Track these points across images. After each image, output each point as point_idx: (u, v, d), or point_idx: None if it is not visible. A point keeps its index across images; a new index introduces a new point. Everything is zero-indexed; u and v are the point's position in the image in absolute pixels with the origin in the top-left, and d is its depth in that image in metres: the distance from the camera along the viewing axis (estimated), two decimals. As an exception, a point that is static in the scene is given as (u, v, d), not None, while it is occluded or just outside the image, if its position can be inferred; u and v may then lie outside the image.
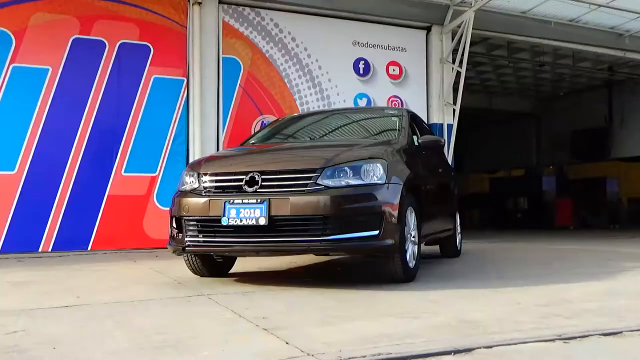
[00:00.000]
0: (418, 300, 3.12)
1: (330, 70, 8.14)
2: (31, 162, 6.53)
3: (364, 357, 2.00)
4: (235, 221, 3.43)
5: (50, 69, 6.67)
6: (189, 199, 3.69)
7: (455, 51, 8.74)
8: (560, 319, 2.63)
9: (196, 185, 3.76)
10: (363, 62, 8.40)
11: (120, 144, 6.88)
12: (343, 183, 3.46)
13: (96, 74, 6.84)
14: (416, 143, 4.58)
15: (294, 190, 3.43)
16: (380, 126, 4.89)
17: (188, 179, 3.87)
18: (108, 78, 6.87)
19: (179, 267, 4.68)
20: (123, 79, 6.93)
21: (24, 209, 6.45)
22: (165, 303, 3.11)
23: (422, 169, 4.40)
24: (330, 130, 4.85)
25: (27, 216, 6.45)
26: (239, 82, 7.58)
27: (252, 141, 4.80)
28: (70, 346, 2.22)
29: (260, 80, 7.71)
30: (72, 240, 6.57)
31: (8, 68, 6.50)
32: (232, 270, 4.44)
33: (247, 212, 3.41)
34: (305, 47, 8.03)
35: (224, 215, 3.47)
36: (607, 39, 9.88)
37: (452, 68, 8.77)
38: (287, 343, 2.20)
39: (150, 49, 7.09)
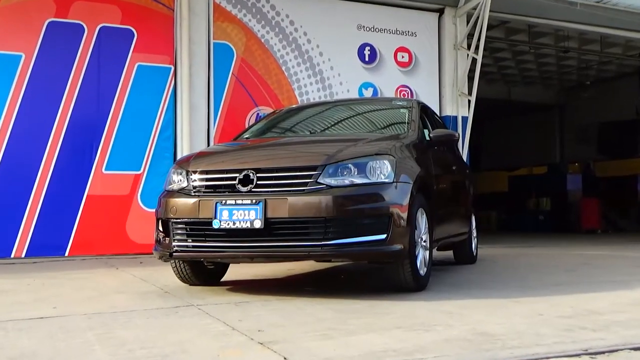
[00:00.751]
0: (429, 312, 3.12)
1: (332, 57, 8.13)
2: (2, 159, 6.54)
3: (369, 374, 2.00)
4: (228, 224, 3.43)
5: (23, 56, 6.67)
6: (177, 200, 3.69)
7: (470, 36, 8.73)
8: (587, 332, 2.63)
9: (184, 185, 3.76)
10: (369, 48, 8.40)
11: (100, 139, 6.89)
12: (347, 182, 3.46)
13: (74, 61, 6.84)
14: (427, 137, 4.58)
15: (293, 190, 3.43)
16: (387, 119, 4.89)
17: (176, 178, 3.87)
18: (87, 66, 6.87)
19: (166, 274, 4.68)
20: (104, 67, 6.93)
21: (-6, 211, 6.47)
22: (150, 314, 3.11)
23: (434, 166, 4.39)
24: (333, 123, 4.85)
25: (-2, 218, 6.47)
26: (231, 70, 7.58)
27: (246, 135, 4.80)
28: (45, 362, 2.22)
29: (255, 68, 7.71)
30: (48, 245, 6.57)
31: (-24, 55, 6.52)
32: (225, 278, 4.44)
33: (241, 214, 3.41)
34: (305, 32, 8.02)
35: (215, 218, 3.47)
36: (639, 22, 9.86)
37: (467, 55, 8.76)
38: (284, 358, 2.20)
39: (133, 34, 7.09)
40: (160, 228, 3.83)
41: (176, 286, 4.15)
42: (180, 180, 3.82)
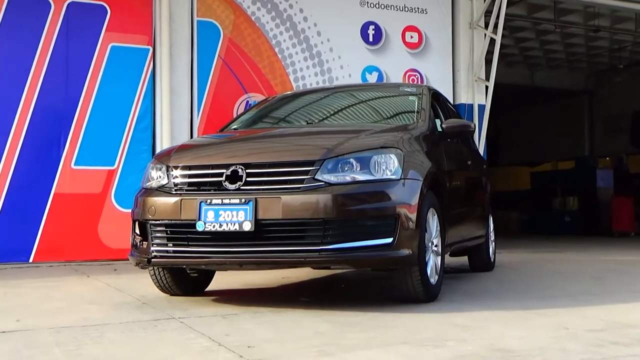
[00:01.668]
0: (441, 324, 3.13)
1: (332, 38, 8.13)
2: (-42, 152, 6.54)
3: (373, 395, 2.00)
4: (214, 226, 3.44)
5: (-19, 36, 6.66)
6: (156, 199, 3.70)
7: (488, 13, 8.72)
8: (618, 347, 2.64)
9: (165, 182, 3.77)
10: (373, 27, 8.39)
11: (69, 130, 6.87)
12: (348, 178, 3.47)
13: (39, 41, 6.82)
14: (439, 128, 4.59)
15: (287, 188, 3.44)
16: (394, 107, 4.90)
17: (155, 174, 3.87)
18: (54, 47, 6.85)
19: (144, 283, 4.68)
20: (73, 49, 6.91)
21: (-51, 211, 6.46)
22: (125, 328, 3.12)
23: (447, 161, 4.40)
24: (332, 112, 4.86)
25: (-47, 220, 6.46)
26: (217, 52, 7.57)
27: (235, 126, 4.81)
28: (7, 382, 2.23)
29: (245, 49, 7.70)
30: (10, 250, 6.56)
31: None
32: (210, 288, 4.44)
33: (229, 215, 3.42)
34: (301, 8, 8.01)
35: (199, 219, 3.47)
36: (679, -2, 9.86)
37: (485, 35, 8.75)
38: (277, 378, 2.21)
39: (106, 11, 7.07)
40: (137, 231, 3.84)
41: (155, 296, 4.15)
42: (160, 176, 3.82)
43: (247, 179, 3.51)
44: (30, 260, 6.62)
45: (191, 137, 7.26)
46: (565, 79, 16.34)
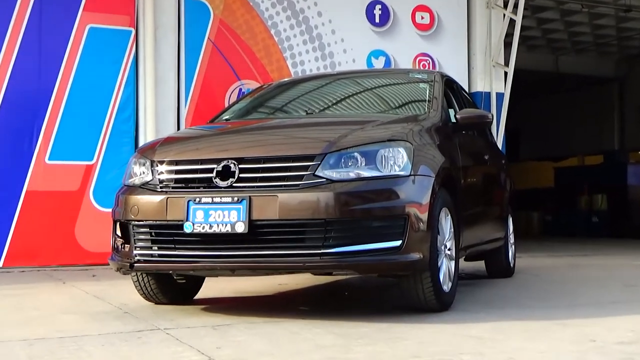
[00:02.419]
0: (454, 337, 3.14)
1: (334, 19, 8.12)
2: None
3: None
4: (203, 227, 3.44)
5: (-54, 16, 6.66)
6: (139, 197, 3.70)
7: (507, -9, 8.72)
8: (651, 362, 2.65)
9: (149, 178, 3.77)
10: (380, 6, 8.38)
11: (43, 121, 6.87)
12: (352, 175, 3.48)
13: (8, 23, 6.81)
14: (453, 119, 4.60)
15: (284, 185, 3.44)
16: (403, 96, 4.91)
17: (137, 169, 3.88)
18: (25, 29, 6.84)
19: (126, 290, 4.68)
20: (47, 30, 6.90)
21: None
22: (106, 340, 3.12)
23: (462, 156, 4.41)
24: (335, 101, 4.86)
25: None
26: (207, 34, 7.56)
27: (227, 117, 4.81)
28: (-25, 399, 2.23)
29: (237, 32, 7.69)
30: (-22, 253, 6.58)
31: None
32: (199, 296, 4.45)
33: (220, 215, 3.42)
34: (300, -14, 8.01)
35: (187, 220, 3.48)
36: None
37: (504, 15, 8.74)
38: (274, 395, 2.22)
39: (84, -12, 7.07)
40: (119, 232, 3.84)
41: (138, 305, 4.16)
42: (143, 172, 3.83)
43: (240, 175, 3.51)
44: (0, 264, 6.62)
45: (178, 128, 7.26)
46: (592, 64, 16.30)
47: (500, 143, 8.41)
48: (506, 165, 6.21)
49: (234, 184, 3.50)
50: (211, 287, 4.76)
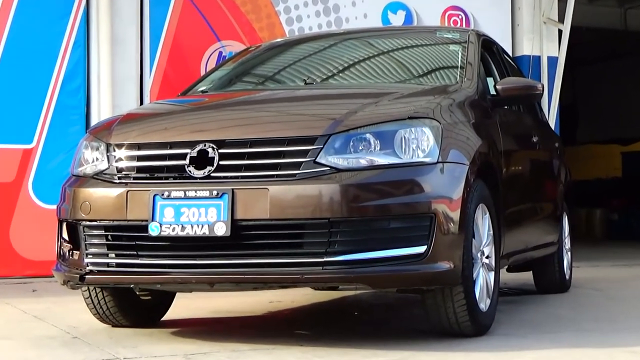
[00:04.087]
0: (495, 369, 3.13)
1: (340, -38, 8.10)
2: None
3: None
4: (174, 229, 3.43)
5: None
6: (92, 191, 3.69)
7: None
8: None
9: (104, 166, 3.76)
10: (399, -54, 8.36)
11: (-32, 94, 6.88)
12: (363, 162, 3.47)
13: None
14: (493, 91, 4.58)
15: (277, 175, 3.43)
16: (429, 61, 4.89)
17: (90, 155, 3.87)
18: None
19: (75, 309, 4.67)
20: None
21: None
22: (49, 373, 3.12)
23: (504, 138, 4.40)
24: (341, 68, 4.84)
25: None
26: (178, -19, 7.55)
27: (203, 88, 4.81)
28: None
29: (217, -22, 7.68)
30: None
31: None
32: (168, 316, 4.44)
33: (194, 214, 3.41)
34: None
35: (153, 219, 3.46)
36: None
37: (558, -43, 8.72)
38: None
39: None
40: (65, 236, 3.83)
41: (91, 328, 4.14)
42: (97, 158, 3.81)
43: (221, 162, 3.49)
44: None
45: (141, 103, 7.26)
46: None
47: (552, 121, 8.40)
48: (561, 150, 6.20)
49: (213, 174, 3.48)
50: (184, 306, 4.75)
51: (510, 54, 7.49)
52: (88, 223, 3.68)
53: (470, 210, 3.64)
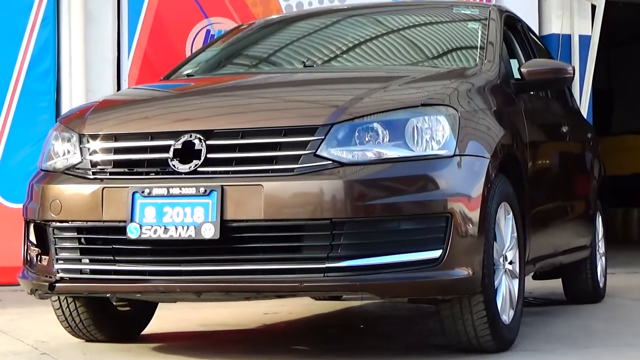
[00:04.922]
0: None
1: None
2: None
3: None
4: (156, 231, 3.44)
5: None
6: (63, 188, 3.71)
7: None
8: None
9: (76, 160, 3.77)
10: None
11: None
12: (370, 155, 3.47)
13: None
14: (517, 74, 4.58)
15: (273, 170, 3.44)
16: (444, 40, 4.90)
17: (60, 147, 3.88)
18: None
19: (44, 321, 4.69)
20: None
21: None
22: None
23: (529, 127, 4.41)
24: (345, 48, 4.84)
25: None
26: (160, -49, 7.55)
27: (189, 71, 4.82)
28: None
29: (204, -53, 7.68)
30: None
31: None
32: (149, 330, 4.44)
33: (179, 214, 3.42)
34: None
35: (132, 220, 3.47)
36: None
37: None
38: None
39: None
40: (33, 239, 3.84)
41: (62, 343, 4.15)
42: (69, 151, 3.83)
43: (209, 155, 3.50)
44: None
45: (118, 88, 7.28)
46: None
47: (585, 109, 8.40)
48: (594, 141, 6.19)
49: (200, 169, 3.49)
50: (167, 318, 4.77)
51: (537, 33, 7.48)
52: (58, 224, 3.68)
53: (491, 209, 3.64)
